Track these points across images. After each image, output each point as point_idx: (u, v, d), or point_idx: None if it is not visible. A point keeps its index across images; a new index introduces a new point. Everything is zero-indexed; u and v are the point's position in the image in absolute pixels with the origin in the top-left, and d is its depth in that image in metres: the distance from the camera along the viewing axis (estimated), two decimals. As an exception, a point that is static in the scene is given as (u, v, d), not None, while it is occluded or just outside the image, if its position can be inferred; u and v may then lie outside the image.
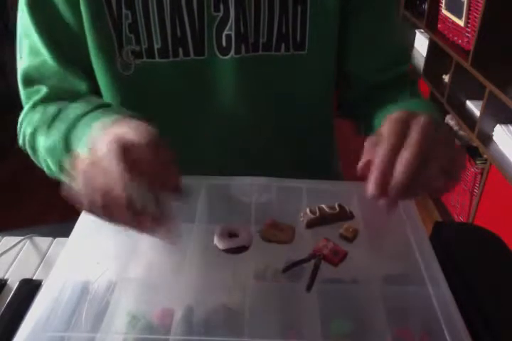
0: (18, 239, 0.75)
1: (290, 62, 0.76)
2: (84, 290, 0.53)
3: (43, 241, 0.75)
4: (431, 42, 2.33)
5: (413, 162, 0.50)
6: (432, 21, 2.29)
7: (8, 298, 0.62)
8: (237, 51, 0.73)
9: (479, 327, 0.57)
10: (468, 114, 2.05)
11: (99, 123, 0.59)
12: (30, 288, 0.63)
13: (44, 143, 0.70)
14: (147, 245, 0.60)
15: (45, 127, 0.71)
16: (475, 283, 0.63)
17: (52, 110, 0.72)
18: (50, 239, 0.75)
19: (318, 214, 0.62)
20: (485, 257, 0.71)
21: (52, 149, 0.68)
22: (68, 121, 0.67)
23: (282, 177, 0.67)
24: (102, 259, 0.57)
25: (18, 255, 0.72)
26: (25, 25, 0.74)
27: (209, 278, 0.55)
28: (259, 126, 0.81)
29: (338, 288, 0.54)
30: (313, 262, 0.56)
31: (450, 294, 0.52)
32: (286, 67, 0.77)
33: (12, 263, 0.70)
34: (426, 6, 2.36)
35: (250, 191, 0.67)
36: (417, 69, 2.44)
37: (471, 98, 2.09)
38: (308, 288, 0.52)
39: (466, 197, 2.06)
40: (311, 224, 0.62)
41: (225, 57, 0.73)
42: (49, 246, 0.74)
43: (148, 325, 0.50)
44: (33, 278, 0.67)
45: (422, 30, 2.49)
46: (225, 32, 0.72)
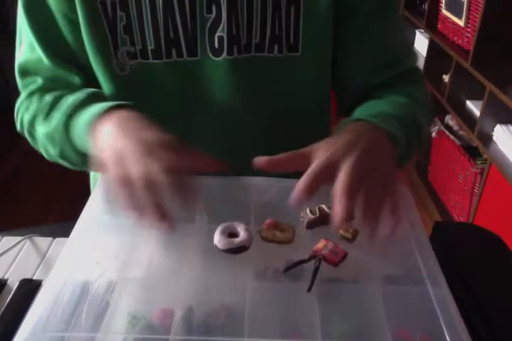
0: (18, 239, 0.75)
1: (283, 63, 0.76)
2: (84, 290, 0.53)
3: (42, 241, 0.75)
4: (431, 42, 2.33)
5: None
6: (432, 21, 2.29)
7: (8, 298, 0.62)
8: (229, 52, 0.73)
9: (479, 327, 0.57)
10: (468, 114, 2.05)
11: (100, 110, 0.64)
12: (30, 288, 0.63)
13: (43, 131, 0.73)
14: (147, 245, 0.60)
15: (42, 115, 0.73)
16: (475, 283, 0.63)
17: (49, 99, 0.74)
18: (50, 239, 0.75)
19: (318, 214, 0.62)
20: (485, 257, 0.71)
21: (51, 136, 0.71)
22: (66, 109, 0.69)
23: (282, 178, 0.67)
24: (102, 259, 0.57)
25: (18, 255, 0.72)
26: (23, 22, 0.75)
27: (209, 278, 0.55)
28: (255, 126, 0.81)
29: (338, 288, 0.54)
30: (313, 262, 0.56)
31: (450, 294, 0.52)
32: (279, 68, 0.77)
33: (12, 263, 0.70)
34: (426, 6, 2.36)
35: (250, 191, 0.67)
36: (417, 69, 2.44)
37: (471, 98, 2.10)
38: (309, 289, 0.52)
39: (466, 197, 2.06)
40: (311, 225, 0.62)
41: (218, 59, 0.73)
42: (49, 246, 0.74)
43: (148, 325, 0.50)
44: (33, 278, 0.67)
45: (422, 30, 2.49)
46: (218, 33, 0.72)
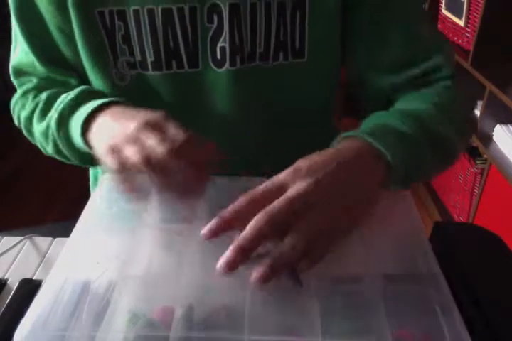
0: (18, 239, 0.75)
1: (289, 70, 0.74)
2: (84, 289, 0.53)
3: (42, 241, 0.75)
4: (431, 42, 2.33)
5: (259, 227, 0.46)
6: (432, 21, 2.29)
7: (8, 298, 0.62)
8: (232, 63, 0.71)
9: (479, 327, 0.57)
10: (468, 114, 2.05)
11: (92, 108, 0.64)
12: (30, 288, 0.63)
13: (39, 129, 0.73)
14: (148, 245, 0.60)
15: (38, 113, 0.74)
16: (475, 283, 0.63)
17: (45, 96, 0.74)
18: (50, 239, 0.75)
19: None
20: (485, 257, 0.71)
21: (46, 134, 0.72)
22: (60, 108, 0.69)
23: None
24: (102, 259, 0.57)
25: (18, 255, 0.72)
26: (16, 28, 0.74)
27: (209, 276, 0.55)
28: (257, 134, 0.79)
29: (338, 287, 0.54)
30: None
31: (450, 294, 0.52)
32: (284, 75, 0.75)
33: (12, 263, 0.70)
34: (426, 6, 2.37)
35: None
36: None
37: (471, 98, 2.10)
38: (301, 285, 0.50)
39: (466, 197, 2.06)
40: None
41: (220, 70, 0.71)
42: (49, 246, 0.74)
43: (149, 323, 0.50)
44: (33, 278, 0.67)
45: (422, 30, 2.49)
46: (220, 44, 0.70)
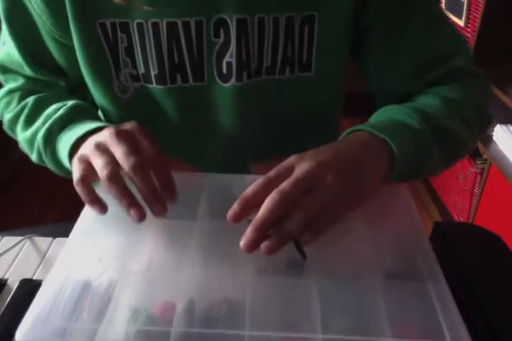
0: (18, 239, 0.75)
1: (295, 84, 0.73)
2: (86, 284, 0.53)
3: (42, 241, 0.75)
4: (431, 43, 2.33)
5: (274, 204, 0.49)
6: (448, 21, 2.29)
7: (8, 298, 0.62)
8: (238, 79, 0.69)
9: (479, 327, 0.57)
10: (468, 114, 2.05)
11: (79, 135, 0.63)
12: (30, 288, 0.63)
13: (24, 136, 0.72)
14: (148, 242, 0.60)
15: (23, 119, 0.73)
16: (475, 283, 0.63)
17: (31, 102, 0.73)
18: (50, 239, 0.75)
19: None
20: (485, 257, 0.71)
21: (31, 143, 0.71)
22: (47, 122, 0.68)
23: None
24: (104, 257, 0.57)
25: (18, 255, 0.72)
26: (4, 28, 0.73)
27: (210, 271, 0.55)
28: (262, 147, 0.78)
29: (338, 284, 0.54)
30: None
31: (449, 291, 0.52)
32: (290, 89, 0.73)
33: (12, 263, 0.70)
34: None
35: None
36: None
37: (471, 98, 2.09)
38: (304, 257, 0.53)
39: (466, 197, 2.06)
40: None
41: (226, 85, 0.70)
42: (49, 246, 0.74)
43: (150, 318, 0.50)
44: (33, 278, 0.67)
45: (422, 31, 2.49)
46: (226, 59, 0.68)
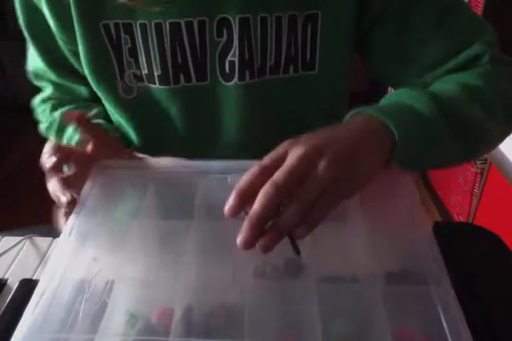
0: (18, 239, 0.75)
1: (299, 83, 0.73)
2: (81, 288, 0.53)
3: (42, 241, 0.75)
4: (431, 42, 2.32)
5: (269, 194, 0.46)
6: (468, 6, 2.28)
7: (8, 298, 0.62)
8: (240, 78, 0.70)
9: (479, 327, 0.57)
10: (468, 114, 2.05)
11: None
12: (30, 288, 0.63)
13: None
14: (145, 243, 0.60)
15: (54, 131, 0.78)
16: (475, 283, 0.63)
17: (58, 117, 0.78)
18: (50, 239, 0.75)
19: None
20: (485, 257, 0.71)
21: None
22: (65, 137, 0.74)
23: None
24: (99, 258, 0.57)
25: (18, 255, 0.72)
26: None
27: (208, 276, 0.55)
28: (266, 146, 0.78)
29: (338, 287, 0.54)
30: None
31: (453, 294, 0.52)
32: (294, 88, 0.73)
33: (12, 263, 0.70)
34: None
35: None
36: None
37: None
38: (298, 252, 0.50)
39: (466, 197, 2.06)
40: None
41: (229, 84, 0.70)
42: (49, 246, 0.74)
43: (147, 325, 0.50)
44: (33, 278, 0.67)
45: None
46: (229, 58, 0.69)
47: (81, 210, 0.59)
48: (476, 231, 0.80)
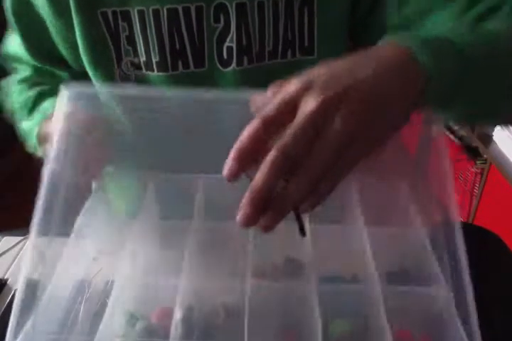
0: (18, 239, 0.75)
1: (297, 67, 0.71)
2: (81, 288, 0.53)
3: (43, 241, 0.75)
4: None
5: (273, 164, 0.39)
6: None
7: (8, 298, 0.62)
8: (238, 63, 0.70)
9: (480, 327, 0.57)
10: (468, 114, 2.05)
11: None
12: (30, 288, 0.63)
13: (24, 127, 0.75)
14: (145, 244, 0.60)
15: (26, 111, 0.76)
16: (475, 283, 0.63)
17: (33, 95, 0.76)
18: (50, 239, 0.75)
19: None
20: (485, 257, 0.71)
21: (29, 134, 0.73)
22: (39, 116, 0.72)
23: None
24: (99, 258, 0.57)
25: (18, 255, 0.72)
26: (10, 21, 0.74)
27: (208, 276, 0.55)
28: None
29: (338, 287, 0.54)
30: None
31: (451, 294, 0.52)
32: (293, 73, 0.73)
33: (12, 263, 0.70)
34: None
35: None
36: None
37: (471, 98, 2.09)
38: (303, 233, 0.45)
39: (466, 197, 2.06)
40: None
41: (226, 69, 0.71)
42: (49, 246, 0.74)
43: (147, 325, 0.50)
44: (33, 278, 0.67)
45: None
46: (226, 44, 0.69)
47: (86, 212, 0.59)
48: (476, 231, 0.80)
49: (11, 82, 0.81)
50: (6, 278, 0.67)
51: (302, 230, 0.44)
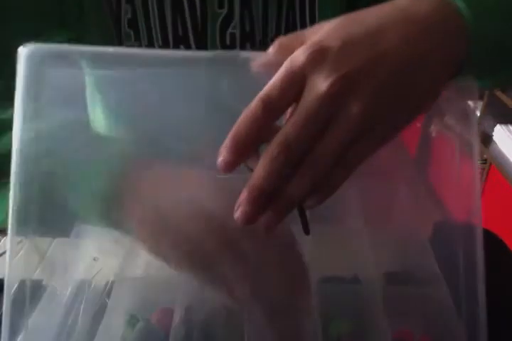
0: (18, 238, 0.75)
1: None
2: (81, 288, 0.53)
3: (43, 241, 0.75)
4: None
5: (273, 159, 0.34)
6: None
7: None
8: (241, 50, 0.70)
9: (479, 327, 0.57)
10: (468, 114, 2.05)
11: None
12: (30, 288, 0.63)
13: None
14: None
15: None
16: (475, 284, 0.63)
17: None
18: (50, 239, 0.75)
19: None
20: (485, 257, 0.71)
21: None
22: None
23: None
24: (99, 258, 0.57)
25: (18, 255, 0.72)
26: None
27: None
28: None
29: (338, 287, 0.54)
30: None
31: (449, 294, 0.52)
32: None
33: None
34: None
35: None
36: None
37: (471, 98, 2.09)
38: (307, 231, 0.41)
39: (466, 197, 2.06)
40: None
41: None
42: (49, 246, 0.74)
43: (147, 326, 0.50)
44: (33, 278, 0.67)
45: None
46: (230, 30, 0.69)
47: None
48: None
49: None
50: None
51: (306, 227, 0.41)
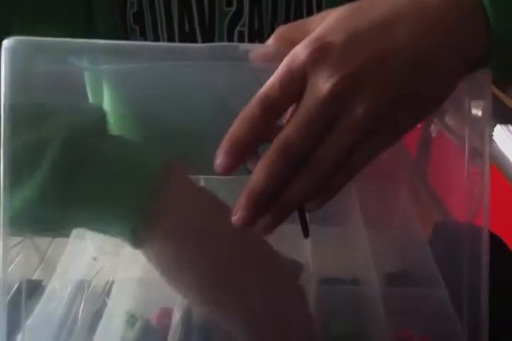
0: (18, 239, 0.75)
1: None
2: (81, 288, 0.53)
3: (43, 241, 0.75)
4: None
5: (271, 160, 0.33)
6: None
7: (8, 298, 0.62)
8: None
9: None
10: (468, 114, 2.05)
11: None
12: (30, 288, 0.63)
13: None
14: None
15: None
16: (477, 283, 0.63)
17: None
18: (50, 239, 0.75)
19: None
20: (485, 257, 0.71)
21: None
22: None
23: None
24: (99, 258, 0.57)
25: (18, 255, 0.72)
26: None
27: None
28: None
29: (338, 288, 0.54)
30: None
31: (447, 295, 0.52)
32: None
33: (12, 263, 0.70)
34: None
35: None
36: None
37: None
38: (307, 234, 0.40)
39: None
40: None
41: None
42: (49, 246, 0.74)
43: (147, 326, 0.50)
44: (33, 278, 0.67)
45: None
46: (238, 28, 0.68)
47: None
48: (476, 231, 0.79)
49: None
50: (6, 278, 0.67)
51: (306, 231, 0.40)
